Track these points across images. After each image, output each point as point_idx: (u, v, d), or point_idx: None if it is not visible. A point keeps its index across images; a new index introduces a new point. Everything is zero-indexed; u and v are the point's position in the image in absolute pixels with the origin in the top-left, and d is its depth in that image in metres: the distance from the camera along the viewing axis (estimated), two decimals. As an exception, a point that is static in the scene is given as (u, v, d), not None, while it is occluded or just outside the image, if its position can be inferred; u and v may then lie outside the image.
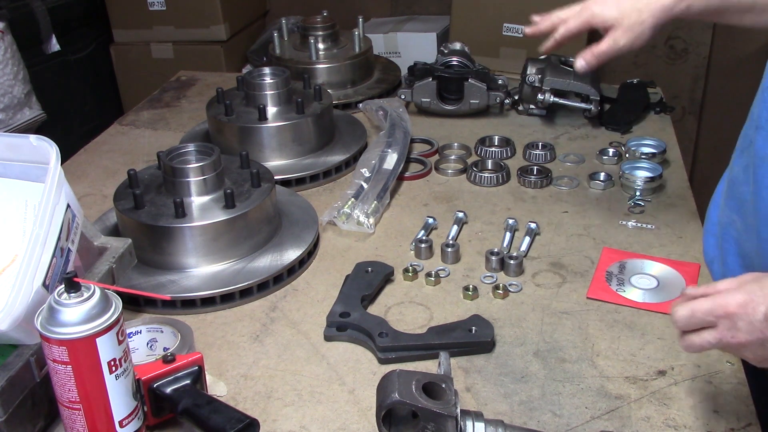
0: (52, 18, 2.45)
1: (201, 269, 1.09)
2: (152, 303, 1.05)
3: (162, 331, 0.95)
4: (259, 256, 1.12)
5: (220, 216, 1.09)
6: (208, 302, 1.05)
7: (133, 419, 0.80)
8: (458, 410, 0.76)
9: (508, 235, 1.19)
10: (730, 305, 0.72)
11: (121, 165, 1.47)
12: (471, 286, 1.06)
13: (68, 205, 0.88)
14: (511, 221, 1.21)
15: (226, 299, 1.06)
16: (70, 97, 2.60)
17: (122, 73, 2.71)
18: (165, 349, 0.93)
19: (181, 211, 1.07)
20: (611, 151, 1.43)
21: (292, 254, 1.12)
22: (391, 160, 1.36)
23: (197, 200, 1.11)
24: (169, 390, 0.82)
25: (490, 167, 1.40)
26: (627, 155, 1.41)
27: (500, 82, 1.59)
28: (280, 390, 0.91)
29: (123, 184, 1.16)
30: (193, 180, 1.11)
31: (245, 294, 1.07)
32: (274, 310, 1.05)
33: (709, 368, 0.91)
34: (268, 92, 1.40)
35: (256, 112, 1.37)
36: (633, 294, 1.05)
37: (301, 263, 1.13)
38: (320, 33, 1.74)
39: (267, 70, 1.44)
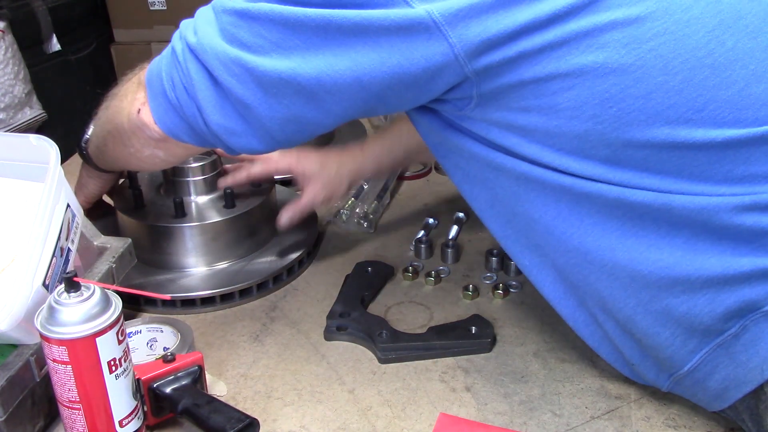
0: (52, 17, 2.45)
1: (201, 269, 1.09)
2: (152, 302, 1.05)
3: (162, 331, 0.95)
4: (259, 256, 1.12)
5: (220, 216, 1.09)
6: (207, 302, 1.05)
7: (133, 419, 0.80)
8: None
9: (508, 234, 1.19)
10: None
11: (122, 165, 1.47)
12: (471, 286, 1.06)
13: (68, 205, 0.88)
14: (511, 221, 1.21)
15: (226, 299, 1.06)
16: (70, 97, 2.59)
17: (123, 73, 2.71)
18: (165, 348, 0.93)
19: (181, 211, 1.07)
20: (611, 150, 1.42)
21: (292, 254, 1.12)
22: (392, 160, 1.36)
23: (197, 200, 1.11)
24: (169, 390, 0.82)
25: (490, 167, 1.40)
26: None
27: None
28: (280, 389, 0.91)
29: (123, 184, 1.16)
30: (193, 180, 1.11)
31: (245, 294, 1.07)
32: (274, 310, 1.05)
33: (709, 368, 0.91)
34: (268, 92, 1.40)
35: (256, 111, 1.37)
36: None
37: (301, 263, 1.13)
38: (320, 33, 1.73)
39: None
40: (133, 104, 0.84)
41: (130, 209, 1.11)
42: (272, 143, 0.79)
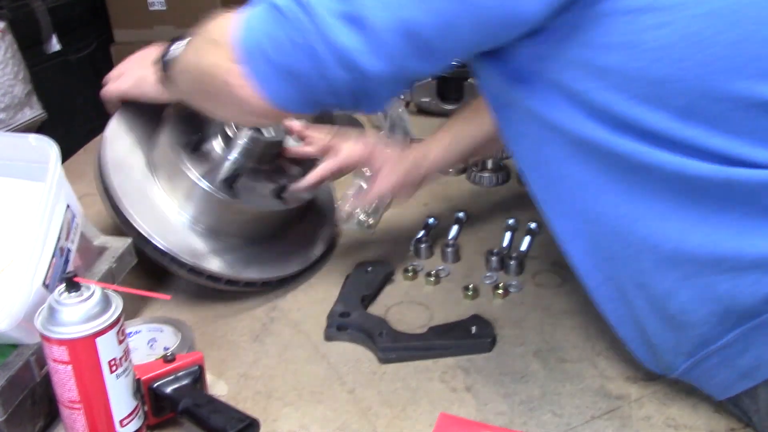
0: (52, 18, 2.45)
1: (216, 241, 1.06)
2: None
3: (162, 331, 0.95)
4: (277, 250, 1.11)
5: (272, 205, 1.08)
6: (213, 279, 1.04)
7: (133, 419, 0.80)
8: None
9: (508, 235, 1.19)
10: None
11: (122, 165, 1.47)
12: (471, 286, 1.06)
13: (68, 205, 0.88)
14: (511, 221, 1.21)
15: (231, 282, 1.05)
16: (70, 97, 2.60)
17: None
18: (165, 348, 0.93)
19: (230, 186, 1.04)
20: (611, 151, 1.43)
21: (308, 256, 1.13)
22: (392, 160, 1.36)
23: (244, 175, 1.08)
24: (169, 389, 0.82)
25: (490, 167, 1.40)
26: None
27: (500, 81, 1.59)
28: (280, 389, 0.91)
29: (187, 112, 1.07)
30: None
31: (249, 284, 1.07)
32: (274, 310, 1.05)
33: (709, 368, 0.91)
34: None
35: (256, 111, 1.37)
36: None
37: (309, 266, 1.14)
38: (321, 32, 1.73)
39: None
40: (227, 77, 0.78)
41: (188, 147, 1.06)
42: (387, 61, 0.73)
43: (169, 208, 1.05)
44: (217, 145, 1.07)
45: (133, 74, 1.08)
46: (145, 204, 1.04)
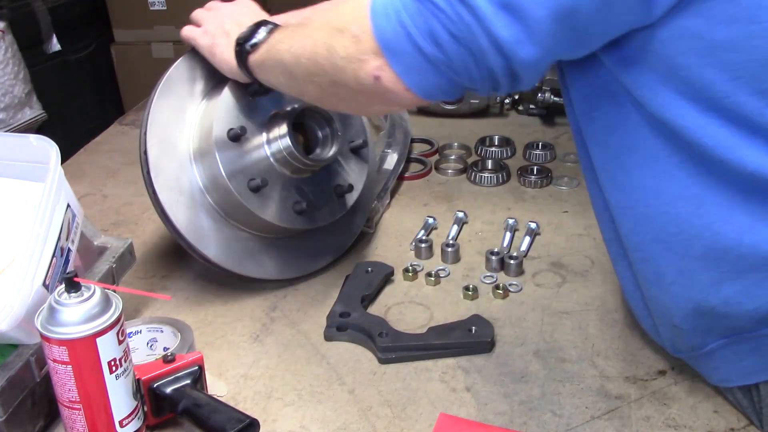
0: (52, 18, 2.45)
1: (231, 230, 1.06)
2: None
3: (162, 331, 0.95)
4: (285, 256, 1.10)
5: (297, 223, 1.06)
6: (208, 260, 1.04)
7: (133, 419, 0.80)
8: None
9: (508, 235, 1.19)
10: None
11: (121, 165, 1.47)
12: (471, 286, 1.06)
13: (68, 205, 0.88)
14: (511, 221, 1.21)
15: (224, 270, 1.05)
16: (70, 97, 2.60)
17: (123, 73, 2.71)
18: (165, 348, 0.93)
19: (257, 189, 1.02)
20: (611, 151, 1.43)
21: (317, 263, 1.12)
22: (391, 160, 1.36)
23: (274, 180, 1.05)
24: (169, 390, 0.82)
25: (490, 167, 1.40)
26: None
27: (500, 81, 1.59)
28: (280, 390, 0.91)
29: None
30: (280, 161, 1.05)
31: (249, 279, 1.07)
32: (274, 310, 1.05)
33: (709, 368, 0.91)
34: (269, 92, 1.39)
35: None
36: None
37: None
38: (321, 33, 1.73)
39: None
40: (366, 70, 0.75)
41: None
42: (542, 48, 0.71)
43: (191, 181, 1.04)
44: (256, 140, 1.04)
45: (212, 33, 1.02)
46: (171, 163, 1.03)
